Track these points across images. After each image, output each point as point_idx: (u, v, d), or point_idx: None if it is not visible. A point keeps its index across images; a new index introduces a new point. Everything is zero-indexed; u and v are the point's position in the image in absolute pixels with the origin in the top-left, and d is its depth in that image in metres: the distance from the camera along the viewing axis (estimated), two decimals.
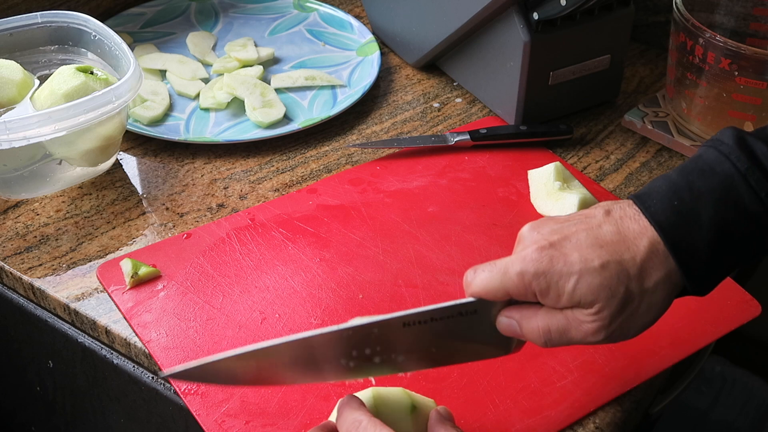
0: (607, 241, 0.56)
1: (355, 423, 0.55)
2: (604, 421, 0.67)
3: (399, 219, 0.83)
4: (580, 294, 0.55)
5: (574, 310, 0.57)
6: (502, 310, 0.59)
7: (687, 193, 0.56)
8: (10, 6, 1.00)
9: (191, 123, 0.95)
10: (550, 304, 0.57)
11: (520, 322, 0.58)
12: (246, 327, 0.71)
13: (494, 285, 0.57)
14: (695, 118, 0.93)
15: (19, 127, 0.75)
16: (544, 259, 0.56)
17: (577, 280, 0.55)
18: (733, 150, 0.56)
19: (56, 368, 0.81)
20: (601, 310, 0.56)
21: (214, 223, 0.82)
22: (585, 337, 0.57)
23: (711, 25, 0.95)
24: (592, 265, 0.55)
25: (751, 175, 0.55)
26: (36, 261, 0.78)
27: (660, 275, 0.56)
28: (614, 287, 0.55)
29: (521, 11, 0.88)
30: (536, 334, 0.58)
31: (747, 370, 1.22)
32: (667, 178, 0.58)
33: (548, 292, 0.56)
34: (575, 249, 0.56)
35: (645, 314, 0.57)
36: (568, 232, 0.57)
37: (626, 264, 0.56)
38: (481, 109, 1.00)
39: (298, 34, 1.11)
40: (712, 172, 0.56)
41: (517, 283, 0.56)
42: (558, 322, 0.57)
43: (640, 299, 0.56)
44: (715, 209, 0.55)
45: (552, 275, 0.56)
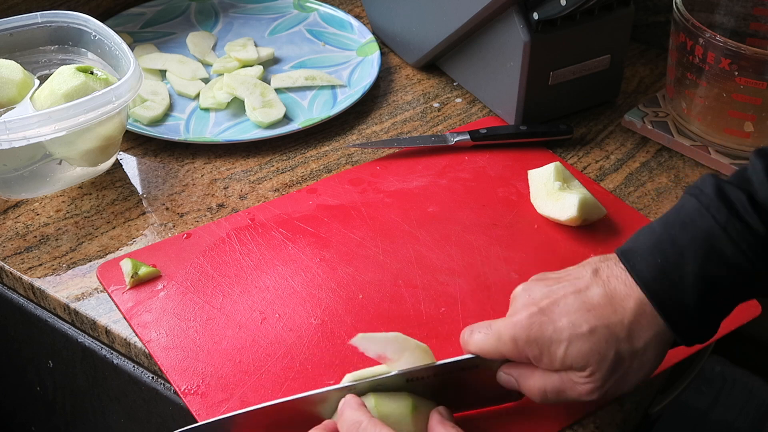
0: (595, 304, 0.58)
1: (355, 424, 0.56)
2: (604, 421, 0.67)
3: (399, 219, 0.83)
4: (572, 359, 0.57)
5: (569, 372, 0.59)
6: (502, 366, 0.62)
7: (670, 248, 0.56)
8: (10, 6, 1.00)
9: (191, 123, 0.95)
10: (544, 367, 0.59)
11: (518, 380, 0.61)
12: (246, 327, 0.71)
13: (490, 348, 0.60)
14: (695, 118, 0.93)
15: (19, 127, 0.75)
16: (534, 326, 0.58)
17: (567, 346, 0.57)
18: (713, 201, 0.56)
19: (56, 368, 0.81)
20: (593, 373, 0.58)
21: (214, 223, 0.82)
22: (580, 396, 0.59)
23: (711, 25, 0.95)
24: (581, 330, 0.57)
25: (730, 228, 0.55)
26: (36, 261, 0.78)
27: (649, 335, 0.57)
28: (603, 351, 0.57)
29: (521, 11, 0.88)
30: (533, 392, 0.60)
31: (747, 370, 1.22)
32: (651, 232, 0.58)
33: (541, 357, 0.58)
34: (564, 314, 0.58)
35: (638, 372, 0.58)
36: (557, 296, 0.59)
37: (614, 327, 0.57)
38: (481, 109, 1.00)
39: (298, 34, 1.11)
40: (693, 226, 0.56)
41: (511, 348, 0.59)
42: (554, 383, 0.59)
43: (631, 359, 0.58)
44: (698, 264, 0.55)
45: (543, 342, 0.58)
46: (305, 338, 0.70)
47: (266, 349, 0.69)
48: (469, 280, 0.76)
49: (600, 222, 0.83)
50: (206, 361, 0.68)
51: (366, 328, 0.71)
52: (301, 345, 0.70)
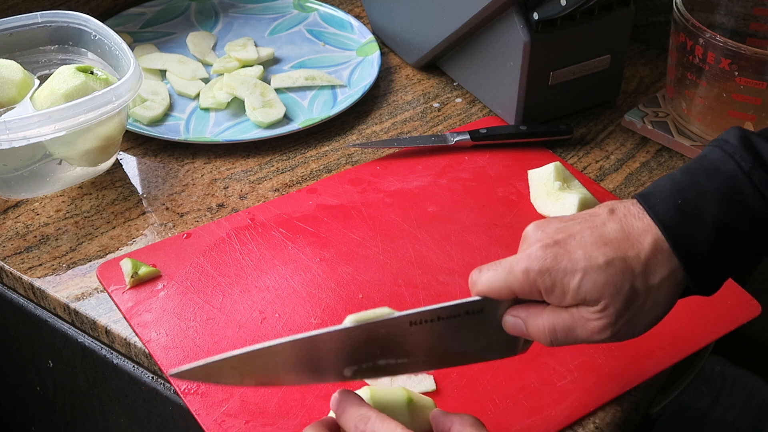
0: (612, 238, 0.56)
1: (363, 418, 0.55)
2: (604, 421, 0.67)
3: (399, 219, 0.83)
4: (585, 291, 0.55)
5: (580, 308, 0.56)
6: (509, 308, 0.59)
7: (691, 192, 0.56)
8: (10, 6, 1.00)
9: (191, 123, 0.95)
10: (555, 302, 0.57)
11: (526, 321, 0.58)
12: (246, 327, 0.71)
13: (499, 283, 0.57)
14: (695, 118, 0.93)
15: (19, 127, 0.75)
16: (548, 256, 0.56)
17: (582, 277, 0.55)
18: (738, 149, 0.56)
19: (56, 368, 0.81)
20: (606, 307, 0.56)
21: (214, 223, 0.82)
22: (591, 335, 0.57)
23: (711, 25, 0.95)
24: (597, 262, 0.55)
25: (755, 174, 0.55)
26: (36, 261, 0.78)
27: (665, 272, 0.56)
28: (619, 284, 0.55)
29: (521, 11, 0.88)
30: (542, 333, 0.57)
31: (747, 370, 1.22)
32: (671, 178, 0.58)
33: (553, 289, 0.56)
34: (579, 246, 0.56)
35: (650, 311, 0.57)
36: (572, 231, 0.57)
37: (631, 261, 0.56)
38: (481, 109, 1.00)
39: (298, 34, 1.11)
40: (717, 172, 0.56)
41: (522, 281, 0.56)
42: (564, 321, 0.57)
43: (645, 296, 0.56)
44: (719, 208, 0.55)
45: (556, 272, 0.55)
46: None
47: None
48: None
49: None
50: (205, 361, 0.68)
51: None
52: None
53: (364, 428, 0.55)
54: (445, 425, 0.57)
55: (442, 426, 0.57)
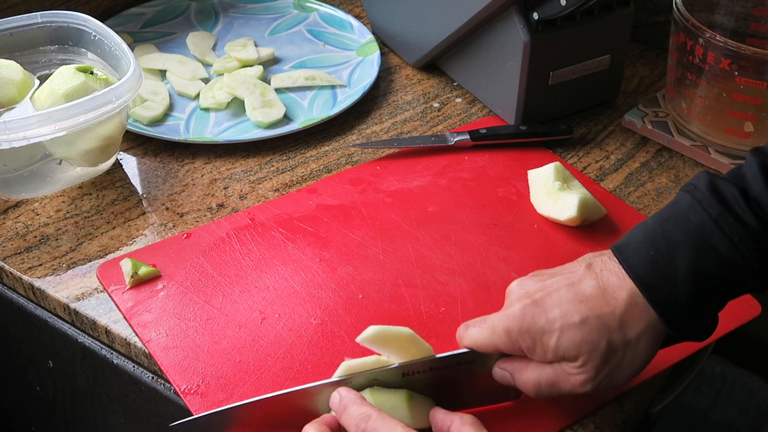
0: (587, 295, 0.58)
1: (364, 417, 0.56)
2: (604, 421, 0.66)
3: (399, 219, 0.83)
4: (563, 349, 0.58)
5: (562, 364, 0.59)
6: (497, 361, 0.62)
7: (663, 242, 0.57)
8: (10, 6, 1.00)
9: (191, 123, 0.95)
10: (537, 359, 0.60)
11: (513, 374, 0.61)
12: (246, 327, 0.71)
13: (484, 341, 0.61)
14: (695, 118, 0.93)
15: (19, 127, 0.75)
16: (527, 317, 0.58)
17: (559, 336, 0.58)
18: (705, 196, 0.57)
19: (56, 368, 0.81)
20: (585, 363, 0.58)
21: (214, 223, 0.82)
22: (573, 389, 0.59)
23: (711, 25, 0.95)
24: (572, 320, 0.57)
25: (722, 221, 0.56)
26: (36, 261, 0.78)
27: (642, 326, 0.57)
28: (596, 341, 0.57)
29: (521, 11, 0.88)
30: (528, 386, 0.60)
31: (747, 370, 1.22)
32: (644, 227, 0.59)
33: (534, 348, 0.59)
34: (556, 305, 0.58)
35: (631, 363, 0.59)
36: (550, 289, 0.59)
37: (606, 318, 0.57)
38: (481, 109, 1.00)
39: (298, 34, 1.11)
40: (686, 220, 0.57)
41: (505, 341, 0.60)
42: (547, 375, 0.59)
43: (623, 350, 0.58)
44: (690, 257, 0.56)
45: (535, 332, 0.58)
46: (305, 338, 0.70)
47: (266, 349, 0.69)
48: (469, 279, 0.76)
49: (600, 222, 0.83)
50: (206, 361, 0.68)
51: (366, 327, 0.71)
52: (301, 345, 0.70)
53: (365, 427, 0.55)
54: (445, 423, 0.58)
55: (441, 424, 0.58)
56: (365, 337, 0.59)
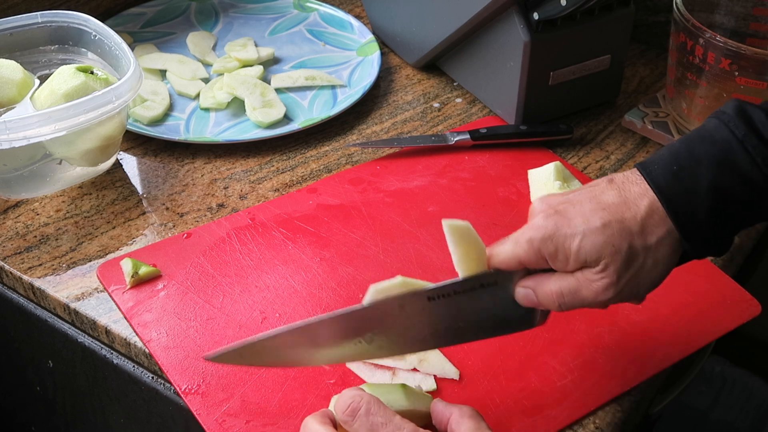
0: (609, 203, 0.59)
1: (356, 397, 0.56)
2: (604, 421, 0.67)
3: (399, 218, 0.83)
4: (585, 252, 0.58)
5: (584, 271, 0.59)
6: (519, 280, 0.61)
7: (686, 159, 0.58)
8: (10, 6, 1.00)
9: (191, 123, 0.95)
10: (560, 267, 0.59)
11: (535, 289, 0.61)
12: (246, 326, 0.71)
13: (507, 254, 0.60)
14: (695, 118, 0.93)
15: (19, 127, 0.75)
16: (549, 224, 0.59)
17: (581, 239, 0.58)
18: (732, 118, 0.58)
19: (56, 368, 0.81)
20: (607, 267, 0.58)
21: (214, 222, 0.82)
22: (596, 296, 0.59)
23: (711, 25, 0.95)
24: (594, 225, 0.58)
25: (748, 142, 0.57)
26: (36, 261, 0.78)
27: (662, 232, 0.58)
28: (617, 244, 0.58)
29: (521, 11, 0.88)
30: (551, 298, 0.60)
31: (747, 370, 1.22)
32: (670, 147, 0.60)
33: (556, 255, 0.59)
34: (579, 213, 0.59)
35: (652, 270, 0.59)
36: (573, 200, 0.60)
37: (627, 222, 0.58)
38: (481, 109, 1.00)
39: (298, 34, 1.11)
40: (712, 139, 0.58)
41: (528, 250, 0.59)
42: (569, 284, 0.59)
43: (645, 255, 0.58)
44: (713, 174, 0.57)
45: (558, 238, 0.58)
46: None
47: None
48: None
49: None
50: (207, 361, 0.68)
51: None
52: None
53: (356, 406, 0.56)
54: (444, 415, 0.58)
55: (441, 416, 0.58)
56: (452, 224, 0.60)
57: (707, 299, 0.76)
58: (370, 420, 0.55)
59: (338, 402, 0.57)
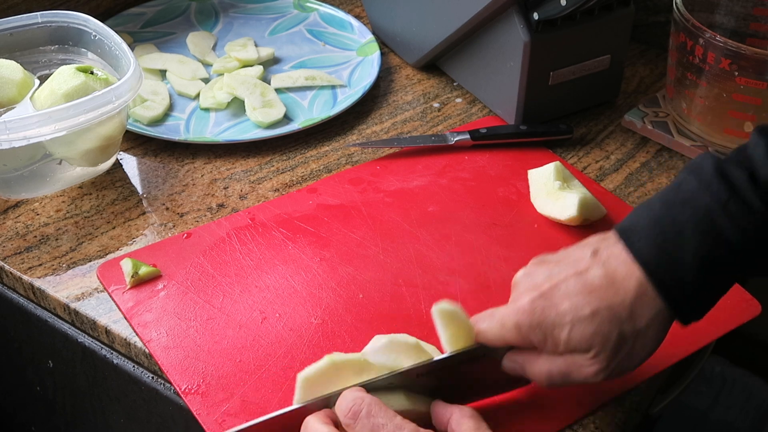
0: (596, 286, 0.57)
1: (357, 400, 0.56)
2: (604, 421, 0.66)
3: (399, 218, 0.83)
4: (575, 342, 0.58)
5: (573, 355, 0.59)
6: (507, 353, 0.62)
7: (670, 226, 0.57)
8: (10, 6, 1.00)
9: (191, 123, 0.95)
10: (549, 352, 0.59)
11: (524, 366, 0.61)
12: (246, 326, 0.71)
13: (494, 336, 0.60)
14: (695, 118, 0.93)
15: (19, 127, 0.75)
16: (536, 311, 0.58)
17: (570, 329, 0.57)
18: (713, 179, 0.56)
19: (56, 368, 0.81)
20: (597, 354, 0.58)
21: (214, 222, 0.82)
22: (586, 378, 0.59)
23: (711, 25, 0.95)
24: (583, 313, 0.57)
25: (731, 207, 0.55)
26: (36, 261, 0.78)
27: (651, 313, 0.57)
28: (607, 332, 0.57)
29: (521, 11, 0.88)
30: (540, 377, 0.60)
31: (747, 370, 1.22)
32: (650, 210, 0.58)
33: (545, 342, 0.59)
34: (565, 297, 0.58)
35: (641, 351, 0.59)
36: (558, 280, 0.59)
37: (616, 308, 0.57)
38: (481, 109, 1.00)
39: (298, 34, 1.11)
40: (693, 204, 0.56)
41: (515, 335, 0.59)
42: (559, 367, 0.59)
43: (634, 339, 0.58)
44: (698, 243, 0.56)
45: (546, 326, 0.58)
46: (305, 338, 0.70)
47: (266, 349, 0.69)
48: (469, 279, 0.76)
49: (600, 222, 0.83)
50: (206, 361, 0.68)
51: (366, 327, 0.71)
52: (302, 345, 0.70)
53: (357, 409, 0.56)
54: (444, 416, 0.58)
55: (441, 416, 0.59)
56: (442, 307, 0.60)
57: None
58: (372, 422, 0.55)
59: (339, 405, 0.57)
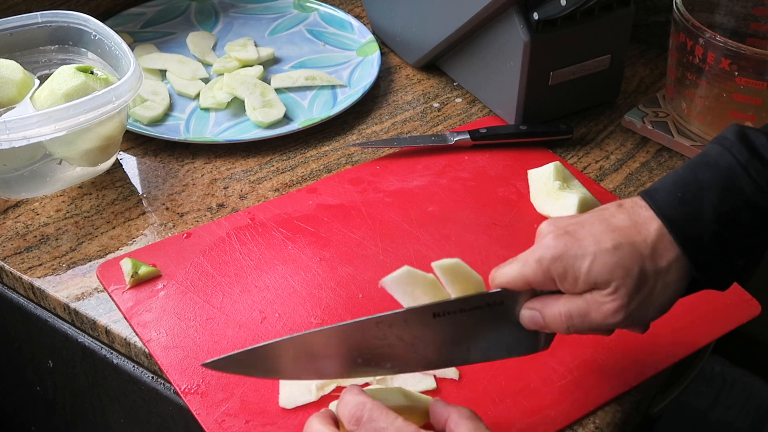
0: (620, 226, 0.59)
1: (359, 405, 0.56)
2: (604, 421, 0.67)
3: (399, 218, 0.83)
4: (596, 274, 0.57)
5: (593, 293, 0.58)
6: (526, 302, 0.61)
7: (692, 185, 0.58)
8: (10, 6, 1.00)
9: (191, 123, 0.95)
10: (568, 288, 0.59)
11: (542, 311, 0.60)
12: (246, 326, 0.71)
13: (514, 274, 0.60)
14: (695, 118, 0.93)
15: (19, 127, 0.75)
16: (559, 244, 0.58)
17: (592, 260, 0.57)
18: (734, 143, 0.59)
19: (56, 368, 0.81)
20: (617, 289, 0.58)
21: (214, 222, 0.82)
22: (605, 319, 0.59)
23: (711, 25, 0.95)
24: (606, 246, 0.58)
25: (751, 166, 0.57)
26: (36, 261, 0.78)
27: (672, 256, 0.58)
28: (628, 266, 0.57)
29: (521, 11, 0.88)
30: (558, 320, 0.59)
31: (747, 370, 1.22)
32: (674, 173, 0.60)
33: (566, 275, 0.58)
34: (589, 234, 0.58)
35: (661, 294, 0.59)
36: (583, 222, 0.60)
37: (638, 245, 0.58)
38: (481, 109, 1.00)
39: (298, 34, 1.11)
40: (716, 165, 0.58)
41: (536, 270, 0.59)
42: (578, 306, 0.59)
43: (655, 278, 0.58)
44: (718, 200, 0.57)
45: (568, 258, 0.58)
46: None
47: None
48: None
49: None
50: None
51: None
52: None
53: (359, 415, 0.56)
54: (443, 416, 0.58)
55: (439, 416, 0.58)
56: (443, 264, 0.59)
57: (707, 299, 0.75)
58: (373, 426, 0.55)
59: (340, 410, 0.57)
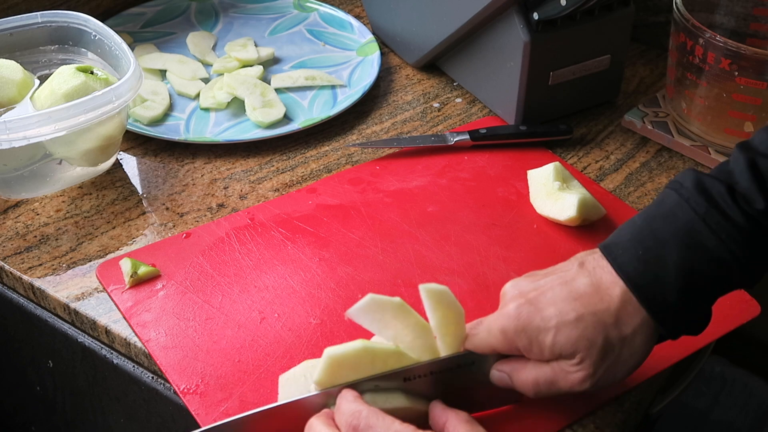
0: (582, 293, 0.58)
1: (355, 413, 0.56)
2: (604, 421, 0.66)
3: (399, 219, 0.83)
4: (560, 346, 0.58)
5: (559, 362, 0.59)
6: (495, 363, 0.62)
7: (651, 240, 0.57)
8: (10, 6, 1.00)
9: (191, 123, 0.95)
10: (535, 357, 0.59)
11: (511, 375, 0.61)
12: (245, 326, 0.71)
13: (481, 342, 0.61)
14: (695, 118, 0.93)
15: (19, 127, 0.75)
16: (522, 315, 0.58)
17: (555, 333, 0.57)
18: (692, 193, 0.57)
19: (56, 368, 0.81)
20: (583, 360, 0.58)
21: (214, 222, 0.82)
22: (572, 387, 0.59)
23: (711, 25, 0.95)
24: (568, 318, 0.57)
25: (710, 219, 0.56)
26: (36, 261, 0.78)
27: (636, 322, 0.58)
28: (592, 337, 0.57)
29: (521, 11, 0.88)
30: (526, 386, 0.60)
31: (747, 370, 1.22)
32: (632, 226, 0.59)
33: (531, 347, 0.59)
34: (551, 303, 0.58)
35: (628, 359, 0.59)
36: (544, 288, 0.59)
37: (602, 314, 0.57)
38: (481, 109, 1.00)
39: (298, 34, 1.11)
40: (674, 218, 0.57)
41: (501, 340, 0.59)
42: (545, 374, 0.59)
43: (620, 346, 0.58)
44: (679, 255, 0.56)
45: (531, 331, 0.58)
46: (304, 338, 0.70)
47: (265, 349, 0.69)
48: (469, 280, 0.76)
49: (600, 222, 0.83)
50: (205, 361, 0.68)
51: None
52: (301, 345, 0.70)
53: (356, 424, 0.55)
54: (441, 419, 0.58)
55: (437, 419, 0.59)
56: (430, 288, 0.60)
57: None
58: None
59: (338, 419, 0.57)
